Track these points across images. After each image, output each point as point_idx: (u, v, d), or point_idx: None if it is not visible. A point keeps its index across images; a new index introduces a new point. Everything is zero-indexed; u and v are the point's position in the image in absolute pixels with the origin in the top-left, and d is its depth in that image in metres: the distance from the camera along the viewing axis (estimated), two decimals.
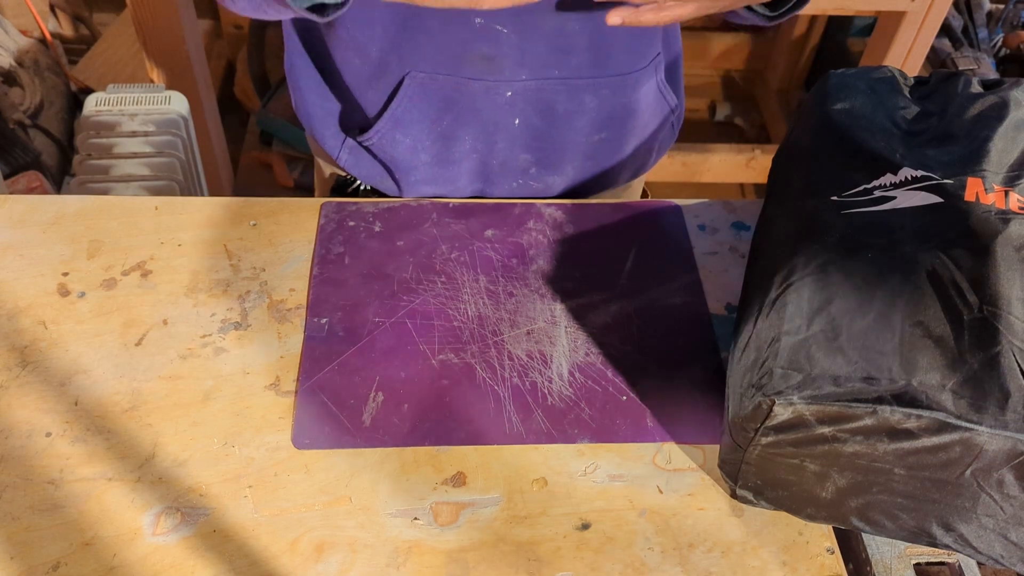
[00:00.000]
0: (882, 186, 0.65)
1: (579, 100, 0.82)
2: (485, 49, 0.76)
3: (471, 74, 0.78)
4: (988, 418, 0.52)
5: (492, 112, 0.81)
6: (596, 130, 0.86)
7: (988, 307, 0.55)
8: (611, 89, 0.82)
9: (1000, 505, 0.55)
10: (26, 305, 0.73)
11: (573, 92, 0.81)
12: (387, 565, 0.60)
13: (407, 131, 0.83)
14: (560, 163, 0.88)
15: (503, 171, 0.88)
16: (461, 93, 0.79)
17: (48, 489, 0.62)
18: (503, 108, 0.81)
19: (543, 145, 0.85)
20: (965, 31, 1.95)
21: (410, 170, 0.87)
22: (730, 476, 0.63)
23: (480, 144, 0.84)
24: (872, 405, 0.53)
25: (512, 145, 0.85)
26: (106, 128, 1.53)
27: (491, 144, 0.84)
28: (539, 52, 0.77)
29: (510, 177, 0.89)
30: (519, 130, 0.83)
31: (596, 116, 0.84)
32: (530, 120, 0.83)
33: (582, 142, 0.86)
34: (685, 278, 0.79)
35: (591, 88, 0.81)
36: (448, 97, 0.80)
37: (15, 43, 1.74)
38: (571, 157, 0.88)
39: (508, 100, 0.80)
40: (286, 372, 0.70)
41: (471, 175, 0.88)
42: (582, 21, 0.75)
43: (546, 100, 0.81)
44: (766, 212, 0.76)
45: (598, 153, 0.89)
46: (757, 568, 0.61)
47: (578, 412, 0.69)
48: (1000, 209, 0.61)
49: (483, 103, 0.80)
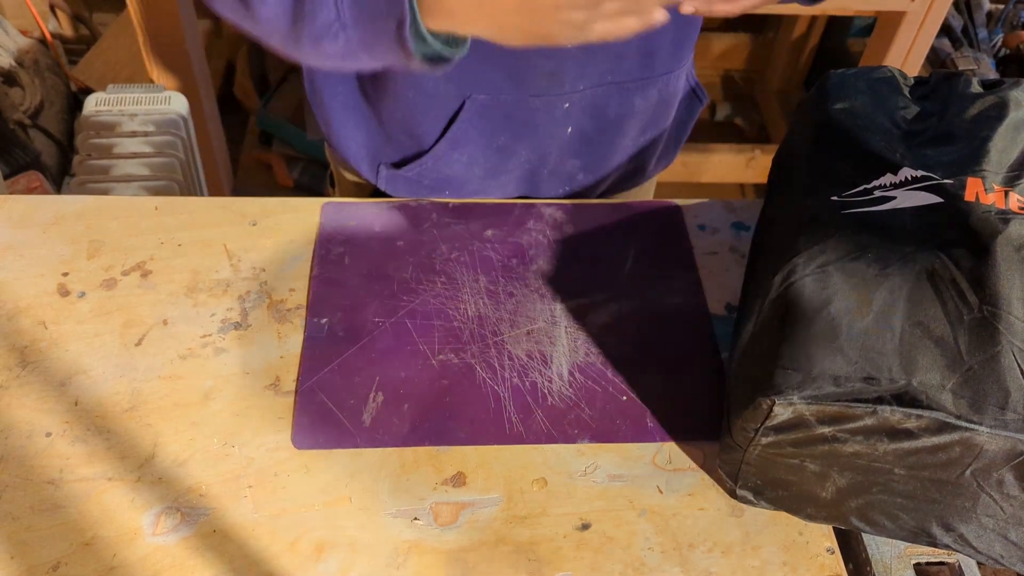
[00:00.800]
0: (882, 186, 0.65)
1: (629, 103, 0.82)
2: (548, 66, 0.75)
3: (533, 91, 0.77)
4: (988, 418, 0.52)
5: (550, 124, 0.81)
6: (641, 132, 0.87)
7: (988, 307, 0.55)
8: (657, 88, 0.83)
9: (1000, 505, 0.55)
10: (26, 305, 0.73)
11: (624, 95, 0.81)
12: (387, 565, 0.60)
13: (463, 151, 0.83)
14: (606, 166, 0.89)
15: (552, 177, 0.88)
16: (522, 111, 0.79)
17: (48, 489, 0.62)
18: (560, 119, 0.81)
19: (592, 150, 0.86)
20: (965, 31, 1.95)
21: (463, 184, 0.87)
22: (730, 476, 0.63)
23: (534, 155, 0.85)
24: (872, 405, 0.53)
25: (563, 153, 0.85)
26: (106, 128, 1.53)
27: (544, 155, 0.85)
28: (598, 63, 0.77)
29: (557, 184, 0.90)
30: (571, 138, 0.84)
31: (643, 117, 0.85)
32: (582, 127, 0.83)
33: (628, 145, 0.87)
34: (685, 278, 0.79)
35: (639, 89, 0.81)
36: (509, 115, 0.79)
37: (15, 43, 1.74)
38: (617, 160, 0.89)
39: (565, 111, 0.80)
40: (286, 372, 0.70)
41: (519, 182, 0.89)
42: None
43: (599, 106, 0.81)
44: (766, 212, 0.76)
45: (639, 153, 0.90)
46: (757, 568, 0.61)
47: (578, 412, 0.69)
48: (1000, 209, 0.61)
49: (542, 117, 0.80)
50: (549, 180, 0.89)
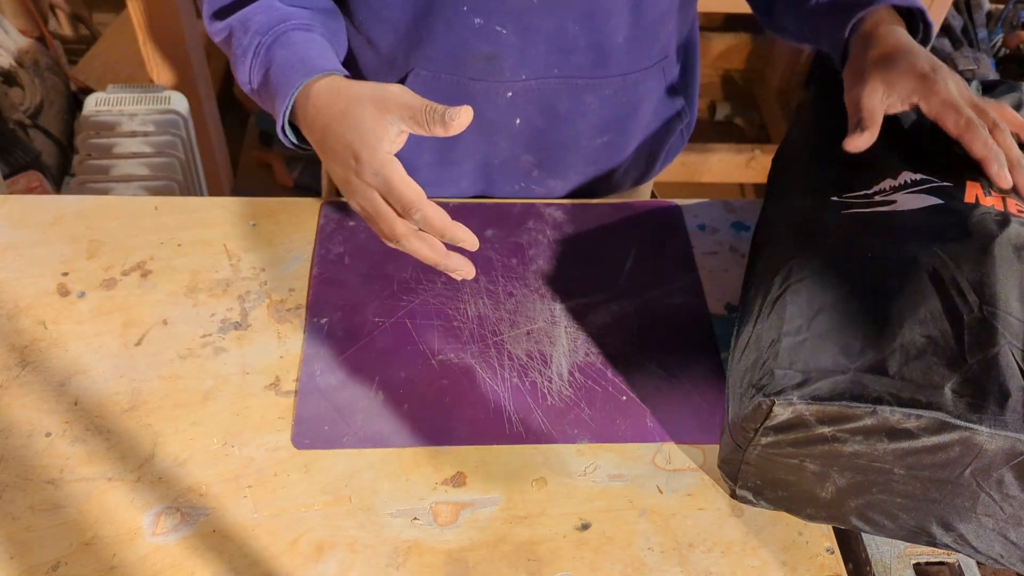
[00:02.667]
0: (882, 190, 0.66)
1: (580, 100, 0.81)
2: (485, 49, 0.76)
3: (472, 74, 0.78)
4: (987, 418, 0.52)
5: (493, 112, 0.81)
6: (599, 133, 0.86)
7: (987, 307, 0.55)
8: (612, 90, 0.82)
9: (999, 505, 0.55)
10: (26, 305, 0.73)
11: (574, 92, 0.81)
12: (387, 565, 0.60)
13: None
14: (562, 166, 0.88)
15: (505, 172, 0.88)
16: (462, 93, 0.79)
17: (48, 489, 0.62)
18: (504, 108, 0.81)
19: (545, 146, 0.85)
20: (965, 31, 1.95)
21: (413, 171, 0.87)
22: (730, 476, 0.63)
23: (481, 144, 0.84)
24: (872, 405, 0.53)
25: (513, 145, 0.85)
26: (106, 128, 1.53)
27: (492, 144, 0.84)
28: (539, 52, 0.77)
29: (512, 179, 0.89)
30: (520, 130, 0.83)
31: (598, 118, 0.84)
32: (532, 120, 0.82)
33: (585, 145, 0.86)
34: (685, 278, 0.79)
35: (592, 88, 0.81)
36: (450, 96, 0.79)
37: (15, 43, 1.74)
38: (573, 160, 0.87)
39: (509, 100, 0.80)
40: (286, 372, 0.70)
41: (473, 176, 0.88)
42: (581, 21, 0.75)
43: (547, 100, 0.81)
44: (766, 212, 0.76)
45: (600, 158, 0.89)
46: (757, 568, 0.61)
47: (578, 412, 0.69)
48: (999, 211, 0.61)
49: (484, 103, 0.80)
50: (503, 174, 0.88)
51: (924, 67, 0.67)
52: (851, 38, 0.74)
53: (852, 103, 0.69)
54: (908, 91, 0.66)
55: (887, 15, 0.73)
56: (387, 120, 0.60)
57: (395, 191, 0.60)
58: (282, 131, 0.70)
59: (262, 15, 0.71)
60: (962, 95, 0.66)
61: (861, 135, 0.66)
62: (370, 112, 0.61)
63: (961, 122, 0.64)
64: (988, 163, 0.62)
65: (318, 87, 0.65)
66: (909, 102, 0.67)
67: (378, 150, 0.60)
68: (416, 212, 0.59)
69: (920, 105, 0.66)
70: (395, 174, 0.60)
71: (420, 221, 0.60)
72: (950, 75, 0.67)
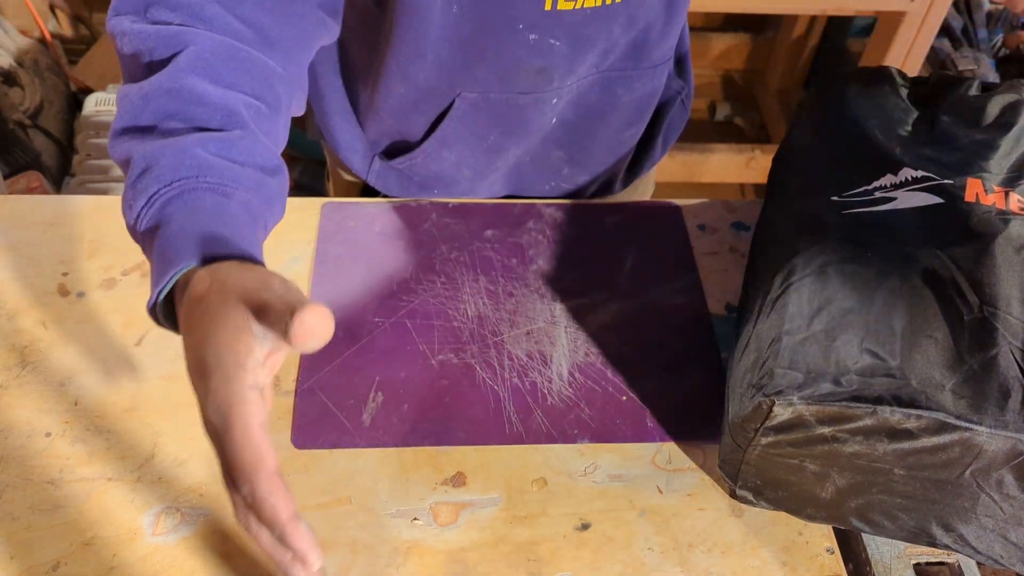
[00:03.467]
0: (882, 187, 0.65)
1: (612, 92, 0.82)
2: (537, 63, 0.74)
3: (523, 88, 0.77)
4: (987, 418, 0.52)
5: (538, 120, 0.81)
6: (626, 125, 0.86)
7: (988, 307, 0.55)
8: (641, 81, 0.82)
9: (999, 505, 0.55)
10: (26, 305, 0.73)
11: (606, 85, 0.81)
12: (387, 565, 0.60)
13: (452, 148, 0.83)
14: (589, 159, 0.88)
15: (535, 169, 0.88)
16: (511, 108, 0.78)
17: (48, 489, 0.62)
18: (547, 114, 0.81)
19: (575, 140, 0.85)
20: (965, 31, 1.95)
21: (451, 184, 0.87)
22: (730, 476, 0.63)
23: (520, 151, 0.85)
24: (872, 405, 0.53)
25: (547, 143, 0.85)
26: (106, 128, 1.53)
27: (530, 147, 0.85)
28: (587, 59, 0.77)
29: (543, 178, 0.89)
30: (555, 128, 0.84)
31: (626, 109, 0.84)
32: (566, 117, 0.83)
33: (611, 138, 0.87)
34: (685, 278, 0.79)
35: (623, 80, 0.81)
36: (499, 113, 0.79)
37: (15, 43, 1.74)
38: (599, 152, 0.88)
39: (553, 106, 0.80)
40: (286, 372, 0.70)
41: (506, 179, 0.89)
42: (626, 25, 0.75)
43: (582, 96, 0.81)
44: (766, 212, 0.76)
45: (623, 148, 0.90)
46: (757, 568, 0.61)
47: (578, 412, 0.69)
48: (1000, 210, 0.61)
49: (531, 113, 0.79)
50: (533, 171, 0.88)
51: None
52: None
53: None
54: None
55: None
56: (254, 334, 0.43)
57: (230, 443, 0.42)
58: (152, 309, 0.50)
59: (172, 158, 0.51)
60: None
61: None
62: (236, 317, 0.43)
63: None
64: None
65: (200, 274, 0.46)
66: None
67: (233, 379, 0.43)
68: (245, 485, 0.42)
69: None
70: (239, 419, 0.42)
71: (248, 497, 0.42)
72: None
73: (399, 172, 0.88)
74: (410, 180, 0.88)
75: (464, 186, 0.87)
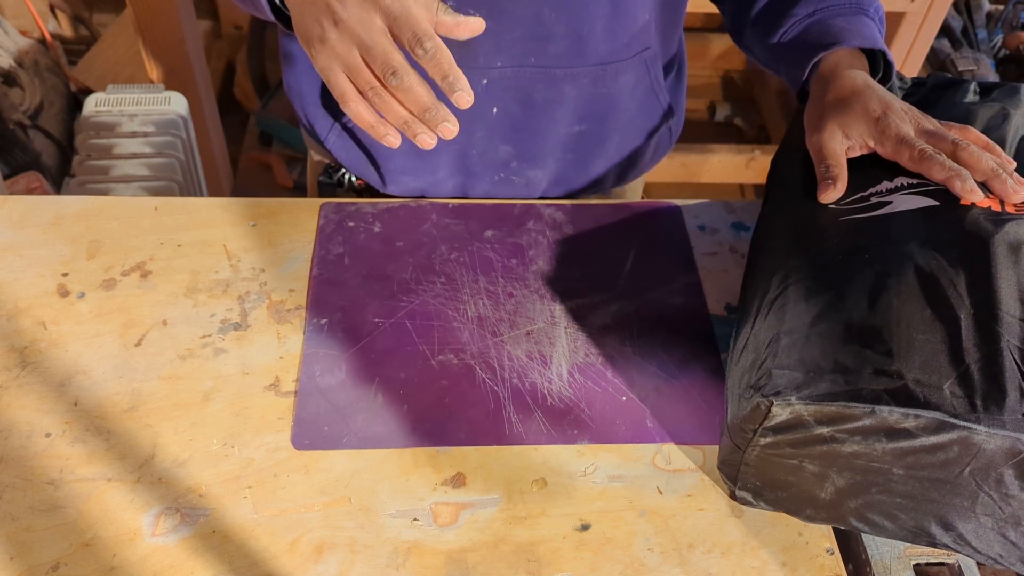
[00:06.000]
0: (878, 192, 0.66)
1: (558, 89, 0.81)
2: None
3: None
4: (986, 417, 0.52)
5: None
6: (576, 121, 0.85)
7: (985, 307, 0.55)
8: (590, 79, 0.81)
9: (999, 504, 0.55)
10: (26, 305, 0.73)
11: (552, 81, 0.80)
12: (387, 566, 0.60)
13: None
14: (541, 156, 0.87)
15: (483, 163, 0.87)
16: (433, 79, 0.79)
17: (48, 489, 0.62)
18: (479, 96, 0.79)
19: (523, 136, 0.85)
20: (965, 32, 1.95)
21: (389, 157, 0.87)
22: (729, 477, 0.63)
23: (459, 133, 0.84)
24: (870, 405, 0.53)
25: (491, 135, 0.85)
26: (106, 129, 1.53)
27: (469, 133, 0.84)
28: (515, 39, 0.76)
29: (491, 170, 0.88)
30: (497, 119, 0.83)
31: (576, 106, 0.83)
32: (509, 109, 0.82)
33: (562, 133, 0.86)
34: (685, 279, 0.79)
35: (570, 77, 0.80)
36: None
37: (15, 43, 1.74)
38: (551, 149, 0.87)
39: (484, 88, 0.80)
40: (286, 372, 0.70)
41: (451, 166, 0.88)
42: (558, 8, 0.75)
43: (524, 88, 0.81)
44: (765, 213, 0.76)
45: (579, 146, 0.88)
46: (757, 568, 0.61)
47: (578, 413, 0.69)
48: (995, 212, 0.61)
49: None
50: (481, 165, 0.87)
51: (875, 110, 0.68)
52: (810, 79, 0.76)
53: (814, 148, 0.70)
54: (862, 135, 0.68)
55: (847, 55, 0.74)
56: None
57: (412, 16, 0.55)
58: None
59: None
60: (917, 128, 0.67)
61: (834, 186, 0.67)
62: None
63: (915, 155, 0.65)
64: (951, 183, 0.63)
65: None
66: (866, 146, 0.68)
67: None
68: (429, 41, 0.55)
69: (876, 149, 0.68)
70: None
71: (431, 51, 0.56)
72: (902, 112, 0.68)
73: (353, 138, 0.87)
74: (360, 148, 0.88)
75: (402, 161, 0.86)
